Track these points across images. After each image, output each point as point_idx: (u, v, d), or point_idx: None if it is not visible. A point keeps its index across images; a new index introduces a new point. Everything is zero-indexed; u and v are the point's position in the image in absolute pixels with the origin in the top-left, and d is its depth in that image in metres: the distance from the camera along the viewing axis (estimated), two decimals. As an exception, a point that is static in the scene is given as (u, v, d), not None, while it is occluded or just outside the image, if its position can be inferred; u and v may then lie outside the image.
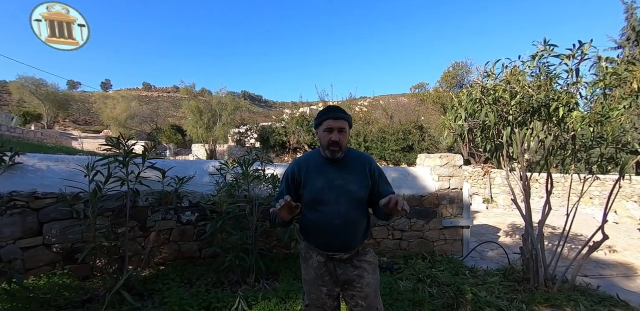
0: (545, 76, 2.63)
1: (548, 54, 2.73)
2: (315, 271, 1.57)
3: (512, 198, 3.40)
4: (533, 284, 3.27)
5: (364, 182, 1.56)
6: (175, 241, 3.16)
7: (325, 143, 1.51)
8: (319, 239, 1.55)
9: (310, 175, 1.57)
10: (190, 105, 16.70)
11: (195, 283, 2.68)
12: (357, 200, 1.55)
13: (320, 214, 1.52)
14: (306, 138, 14.92)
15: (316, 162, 1.60)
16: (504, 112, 2.97)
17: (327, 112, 1.52)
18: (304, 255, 1.64)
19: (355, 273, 1.55)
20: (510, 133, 3.01)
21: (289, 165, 1.70)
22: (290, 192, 1.59)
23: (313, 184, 1.54)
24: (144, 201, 2.99)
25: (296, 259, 3.55)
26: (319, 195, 1.52)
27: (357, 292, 1.54)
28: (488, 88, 2.88)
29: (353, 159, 1.60)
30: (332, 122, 1.48)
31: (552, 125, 2.93)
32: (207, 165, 3.48)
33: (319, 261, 1.57)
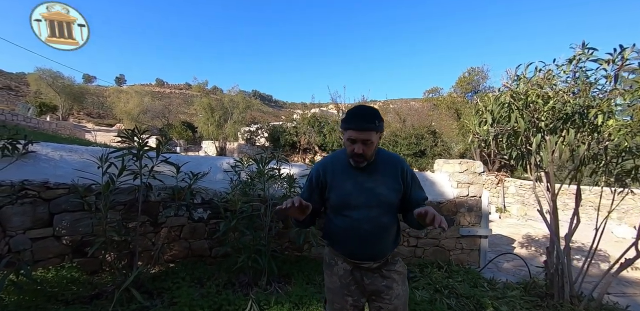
0: (583, 81, 2.47)
1: (586, 58, 2.57)
2: (341, 280, 1.45)
3: (539, 209, 3.22)
4: (557, 300, 3.08)
5: (395, 185, 1.43)
6: (185, 238, 3.08)
7: (349, 152, 1.37)
8: (347, 246, 1.43)
9: (337, 177, 1.44)
10: (203, 102, 16.77)
11: (205, 283, 2.58)
12: (388, 205, 1.42)
13: (349, 219, 1.40)
14: (317, 139, 14.82)
15: (343, 163, 1.47)
16: (535, 118, 2.81)
17: (351, 120, 1.31)
18: (328, 262, 1.52)
19: (384, 284, 1.43)
20: (540, 140, 2.85)
21: (313, 167, 1.57)
22: (314, 196, 1.48)
23: (340, 187, 1.42)
24: (156, 196, 2.91)
25: (309, 262, 3.43)
26: (347, 199, 1.40)
27: (386, 304, 1.42)
28: (519, 92, 2.72)
29: (383, 161, 1.46)
30: (355, 134, 1.29)
31: (586, 134, 2.77)
32: (221, 162, 3.39)
33: (345, 269, 1.45)
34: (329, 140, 15.26)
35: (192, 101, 33.77)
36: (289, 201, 1.19)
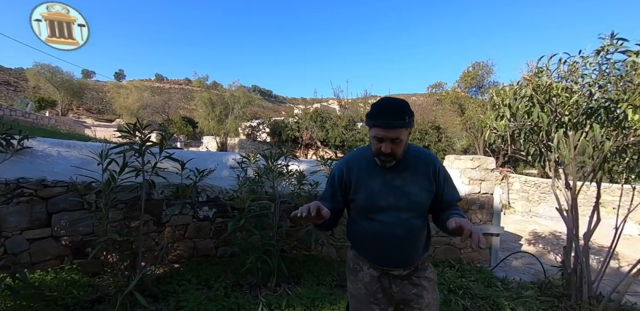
0: (613, 74, 2.31)
1: (615, 49, 2.41)
2: (367, 287, 1.32)
3: (557, 207, 3.09)
4: (575, 301, 2.98)
5: (427, 185, 1.31)
6: (190, 237, 2.96)
7: (375, 151, 1.24)
8: (375, 252, 1.31)
9: (363, 176, 1.31)
10: (203, 97, 16.54)
11: (212, 285, 2.47)
12: (419, 207, 1.30)
13: (377, 223, 1.28)
14: (319, 135, 14.66)
15: (369, 161, 1.33)
16: (558, 113, 2.66)
17: (377, 116, 1.17)
18: (353, 267, 1.39)
19: (414, 292, 1.31)
20: (561, 136, 2.71)
21: (336, 164, 1.44)
22: (337, 196, 1.36)
23: (367, 187, 1.29)
24: (159, 194, 2.79)
25: (318, 261, 3.32)
26: (374, 200, 1.27)
27: None
28: (542, 85, 2.57)
29: (414, 158, 1.32)
30: (382, 132, 1.16)
31: (611, 129, 2.62)
32: (227, 158, 3.26)
33: (372, 275, 1.32)
34: (332, 136, 15.09)
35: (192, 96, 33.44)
36: (304, 208, 1.06)
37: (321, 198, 1.42)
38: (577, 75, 2.49)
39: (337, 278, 3.16)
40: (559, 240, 7.28)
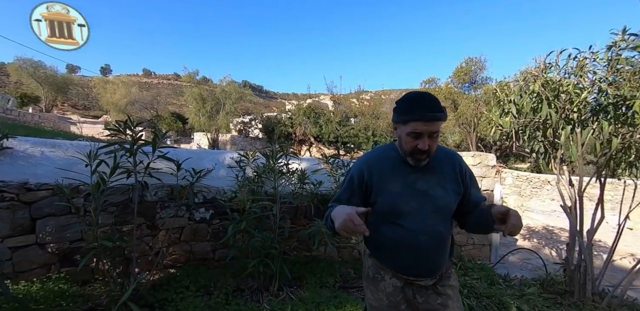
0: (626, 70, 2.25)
1: (626, 45, 2.35)
2: (389, 298, 1.22)
3: (562, 204, 3.06)
4: (579, 298, 2.97)
5: (454, 187, 1.22)
6: (186, 241, 2.82)
7: (409, 149, 1.14)
8: (399, 260, 1.21)
9: (385, 178, 1.21)
10: (193, 92, 16.11)
11: (212, 291, 2.35)
12: (446, 211, 1.23)
13: (401, 229, 1.18)
14: (313, 131, 14.50)
15: (392, 161, 1.23)
16: (566, 110, 2.60)
17: (414, 109, 1.08)
18: (373, 276, 1.28)
19: (439, 302, 1.22)
20: (569, 133, 2.66)
21: (355, 164, 1.32)
22: (355, 198, 1.25)
23: (389, 190, 1.19)
24: (152, 196, 2.63)
25: (320, 262, 3.22)
26: (397, 204, 1.18)
27: None
28: (552, 81, 2.49)
29: (439, 158, 1.23)
30: (422, 126, 1.07)
31: (619, 126, 2.58)
32: (224, 157, 3.11)
33: (395, 285, 1.23)
34: (325, 131, 14.95)
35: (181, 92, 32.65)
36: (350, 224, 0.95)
37: (336, 199, 1.30)
38: (585, 71, 2.43)
39: (339, 279, 3.08)
40: (552, 235, 7.39)
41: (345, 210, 1.01)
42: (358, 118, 15.64)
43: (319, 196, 3.12)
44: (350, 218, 0.95)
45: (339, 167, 3.25)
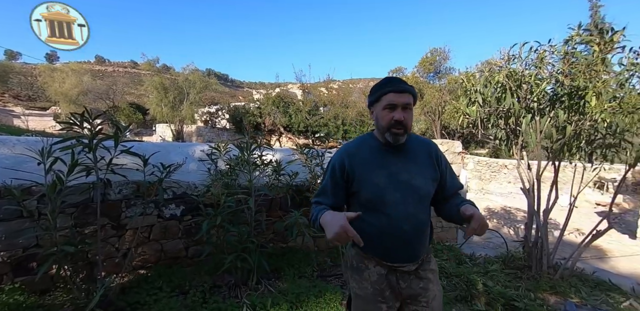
0: (581, 63, 2.42)
1: (581, 40, 2.53)
2: (374, 286, 1.25)
3: (522, 187, 3.30)
4: (536, 271, 3.26)
5: (432, 174, 1.27)
6: (156, 239, 2.68)
7: (386, 123, 1.18)
8: (382, 248, 1.24)
9: (367, 167, 1.23)
10: (154, 81, 14.97)
11: (188, 290, 2.26)
12: (426, 197, 1.27)
13: (384, 217, 1.20)
14: (282, 121, 14.29)
15: (372, 150, 1.26)
16: (527, 99, 2.77)
17: (387, 84, 1.19)
18: (356, 266, 1.30)
19: (421, 286, 1.27)
20: (529, 121, 2.84)
21: (335, 154, 1.33)
22: (338, 189, 1.27)
23: (372, 180, 1.21)
24: (116, 194, 2.45)
25: (296, 253, 3.23)
26: (380, 194, 1.20)
27: (422, 307, 1.27)
28: (516, 72, 2.63)
29: (416, 146, 1.29)
30: (394, 97, 1.16)
31: (572, 115, 2.79)
32: (193, 149, 2.95)
33: (379, 273, 1.26)
34: (295, 121, 14.80)
35: (140, 81, 30.35)
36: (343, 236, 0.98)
37: (320, 193, 1.31)
38: (544, 63, 2.58)
39: (316, 268, 3.11)
40: (510, 215, 8.02)
41: (337, 220, 1.01)
42: (327, 107, 15.64)
43: (293, 187, 3.09)
44: (344, 231, 0.98)
45: (313, 157, 3.23)
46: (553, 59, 2.61)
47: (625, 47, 2.28)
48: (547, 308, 2.63)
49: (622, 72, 2.35)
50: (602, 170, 3.11)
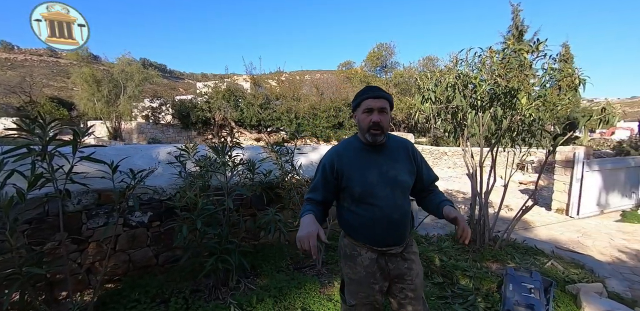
0: (515, 68, 2.84)
1: (515, 48, 2.95)
2: (366, 270, 1.43)
3: (467, 173, 3.77)
4: (480, 245, 3.79)
5: (409, 167, 1.47)
6: (123, 250, 2.52)
7: (365, 125, 1.37)
8: (373, 235, 1.42)
9: (353, 164, 1.41)
10: (84, 73, 13.04)
11: (169, 298, 2.20)
12: (406, 188, 1.47)
13: (375, 208, 1.38)
14: (233, 115, 13.82)
15: (357, 149, 1.44)
16: (471, 98, 3.15)
17: (366, 92, 1.40)
18: (350, 253, 1.48)
19: (406, 266, 1.47)
20: (474, 116, 3.25)
21: (326, 155, 1.50)
22: (329, 185, 1.46)
23: (362, 176, 1.39)
24: (75, 204, 2.24)
25: (269, 248, 3.29)
26: (368, 186, 1.38)
27: (408, 285, 1.47)
28: (464, 74, 2.97)
29: (395, 145, 1.49)
30: (371, 102, 1.35)
31: (507, 111, 3.26)
32: (157, 152, 2.81)
33: (371, 258, 1.43)
34: (247, 115, 14.43)
35: (61, 71, 26.42)
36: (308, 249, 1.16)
37: (312, 189, 1.48)
38: (486, 66, 2.97)
39: (290, 261, 3.22)
40: (452, 197, 8.93)
41: (310, 228, 1.22)
42: (280, 100, 15.51)
43: (265, 184, 3.13)
44: (308, 238, 1.17)
45: (282, 154, 3.28)
46: (493, 64, 3.01)
47: (546, 54, 2.76)
48: (491, 274, 3.10)
49: (544, 75, 2.83)
50: (526, 154, 3.68)
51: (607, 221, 6.69)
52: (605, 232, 5.83)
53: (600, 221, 6.66)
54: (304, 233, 1.19)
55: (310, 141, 15.07)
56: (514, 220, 3.74)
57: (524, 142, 3.56)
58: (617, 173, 7.55)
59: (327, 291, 2.60)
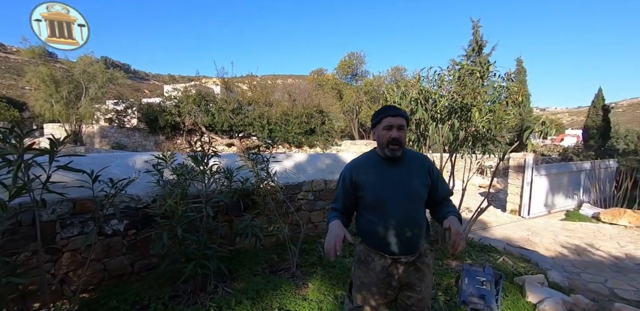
0: (469, 86, 3.22)
1: (468, 69, 3.34)
2: (378, 276, 1.52)
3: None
4: (442, 244, 4.13)
5: (424, 180, 1.56)
6: (98, 259, 2.51)
7: (385, 141, 1.49)
8: (384, 242, 1.50)
9: (370, 175, 1.54)
10: (41, 72, 12.03)
11: (149, 305, 2.24)
12: (419, 199, 1.55)
13: (384, 215, 1.49)
14: (204, 120, 13.56)
15: (375, 162, 1.59)
16: (432, 111, 3.50)
17: (385, 110, 1.53)
18: (364, 259, 1.57)
19: (417, 276, 1.53)
20: (434, 128, 3.60)
21: (345, 168, 1.65)
22: (349, 195, 1.58)
23: (373, 185, 1.52)
24: (49, 214, 2.23)
25: (245, 254, 3.38)
26: (380, 195, 1.50)
27: (416, 294, 1.54)
28: (426, 90, 3.30)
29: (411, 158, 1.60)
30: (392, 119, 1.48)
31: (464, 123, 3.65)
32: (133, 160, 2.82)
33: (383, 265, 1.51)
34: (219, 121, 14.23)
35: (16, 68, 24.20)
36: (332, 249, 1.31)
37: (335, 200, 1.63)
38: (445, 83, 3.32)
39: (266, 265, 3.34)
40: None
41: (338, 231, 1.38)
42: (252, 106, 15.47)
43: (241, 191, 3.23)
44: (335, 240, 1.33)
45: (258, 162, 3.40)
46: (450, 82, 3.37)
47: (496, 74, 3.17)
48: (451, 270, 3.42)
49: (494, 93, 3.23)
50: (483, 160, 4.10)
51: (553, 220, 7.46)
52: (551, 229, 6.51)
53: (547, 220, 7.41)
54: (332, 236, 1.34)
55: (282, 147, 15.15)
56: (471, 221, 4.13)
57: (482, 149, 3.98)
58: (562, 177, 8.44)
59: (302, 292, 2.75)
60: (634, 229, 6.57)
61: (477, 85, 3.12)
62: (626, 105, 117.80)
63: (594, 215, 7.55)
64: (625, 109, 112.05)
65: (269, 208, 3.36)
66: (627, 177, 8.36)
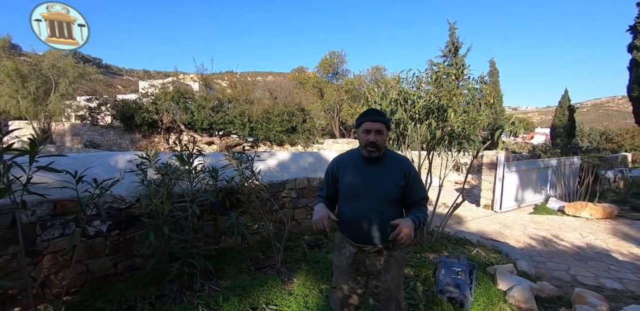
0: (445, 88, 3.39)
1: (443, 71, 3.52)
2: (347, 261, 1.70)
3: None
4: (420, 238, 4.33)
5: (397, 181, 1.64)
6: (80, 261, 2.47)
7: (363, 143, 1.63)
8: (351, 231, 1.67)
9: (348, 171, 1.70)
10: (5, 66, 11.12)
11: (135, 305, 2.24)
12: (389, 197, 1.63)
13: (355, 207, 1.64)
14: (183, 118, 13.24)
15: (356, 159, 1.72)
16: (411, 112, 3.66)
17: (366, 115, 1.65)
18: (338, 244, 1.78)
19: (383, 267, 1.66)
20: (413, 127, 3.76)
21: (331, 162, 1.83)
22: (330, 186, 1.78)
23: (349, 179, 1.68)
24: (29, 216, 2.18)
25: (230, 252, 3.42)
26: (355, 190, 1.65)
27: (382, 284, 1.67)
28: (405, 91, 3.46)
29: (391, 160, 1.70)
30: (370, 124, 1.60)
31: (440, 123, 3.84)
32: (115, 160, 2.79)
33: (351, 252, 1.68)
34: (198, 118, 13.93)
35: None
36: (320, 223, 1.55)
37: (321, 189, 1.86)
38: (423, 85, 3.49)
39: (251, 263, 3.39)
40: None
41: (322, 212, 1.60)
42: (232, 103, 15.26)
43: (226, 190, 3.26)
44: (321, 220, 1.55)
45: (243, 161, 3.43)
46: (428, 84, 3.54)
47: (469, 77, 3.36)
48: (429, 262, 3.61)
49: (468, 94, 3.43)
50: (458, 158, 4.32)
51: (523, 214, 7.93)
52: (520, 223, 6.93)
53: (517, 214, 7.87)
54: (318, 216, 1.55)
55: (263, 145, 15.07)
56: (447, 216, 4.36)
57: (457, 148, 4.20)
58: (531, 173, 8.97)
59: (288, 287, 2.83)
60: (594, 221, 7.12)
61: (452, 87, 3.30)
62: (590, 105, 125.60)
63: (560, 208, 8.09)
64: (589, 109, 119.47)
65: (253, 207, 3.40)
66: (588, 172, 8.99)
